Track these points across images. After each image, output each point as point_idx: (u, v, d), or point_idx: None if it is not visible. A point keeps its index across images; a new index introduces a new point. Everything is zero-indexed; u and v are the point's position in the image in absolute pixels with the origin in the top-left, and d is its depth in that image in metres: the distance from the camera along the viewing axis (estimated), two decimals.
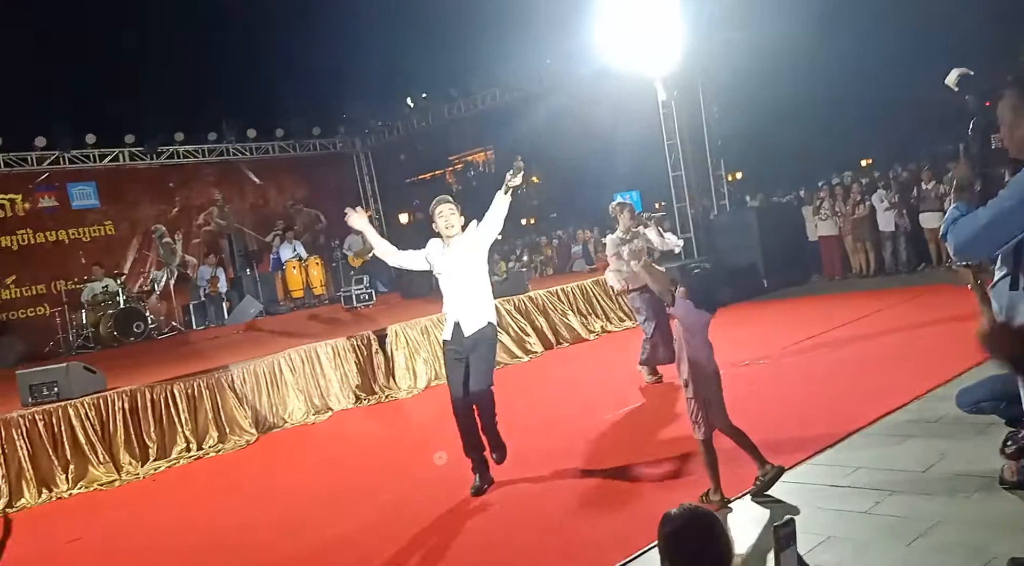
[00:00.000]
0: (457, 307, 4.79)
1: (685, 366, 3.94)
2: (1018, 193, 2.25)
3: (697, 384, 3.91)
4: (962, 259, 2.45)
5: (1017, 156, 2.40)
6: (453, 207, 4.84)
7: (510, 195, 4.75)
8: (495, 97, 15.13)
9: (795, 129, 21.98)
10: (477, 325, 4.75)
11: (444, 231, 4.81)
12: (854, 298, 10.31)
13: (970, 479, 3.69)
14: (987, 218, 2.28)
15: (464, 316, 4.75)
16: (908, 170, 12.70)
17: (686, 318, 3.95)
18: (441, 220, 4.80)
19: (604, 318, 10.64)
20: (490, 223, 4.81)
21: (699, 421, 3.93)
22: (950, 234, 2.37)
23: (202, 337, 12.14)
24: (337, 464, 6.27)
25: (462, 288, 4.79)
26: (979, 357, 5.43)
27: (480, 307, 4.80)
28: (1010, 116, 2.39)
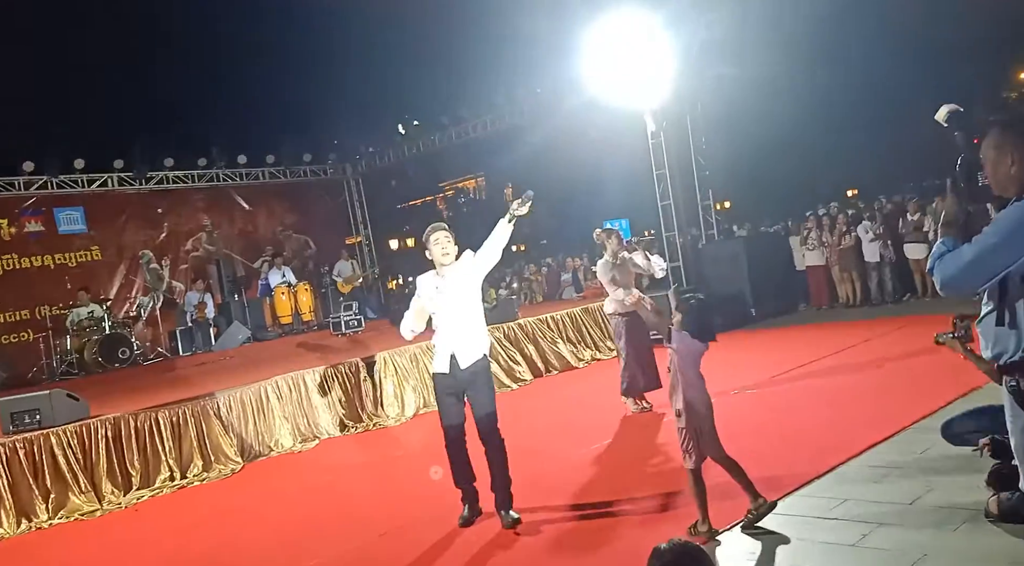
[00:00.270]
0: (453, 338, 4.65)
1: (679, 396, 3.93)
2: (1003, 230, 2.29)
3: (690, 414, 3.90)
4: (947, 293, 2.48)
5: (1001, 193, 2.45)
6: (448, 235, 4.71)
7: (513, 224, 4.63)
8: (486, 125, 15.27)
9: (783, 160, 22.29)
10: (474, 357, 4.63)
11: (439, 259, 4.69)
12: (841, 328, 10.38)
13: (956, 512, 3.70)
14: (972, 254, 2.31)
15: (460, 348, 4.62)
16: (893, 201, 12.86)
17: (682, 349, 3.94)
18: (437, 248, 4.68)
19: (594, 347, 10.65)
20: (489, 251, 4.69)
21: (690, 451, 3.92)
22: (936, 268, 2.40)
23: (188, 363, 12.03)
24: (324, 493, 6.20)
25: (458, 319, 4.67)
26: (964, 388, 5.52)
27: (476, 338, 4.70)
28: (993, 154, 2.43)
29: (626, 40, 11.20)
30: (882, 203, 13.02)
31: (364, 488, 6.15)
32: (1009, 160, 2.37)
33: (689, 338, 3.93)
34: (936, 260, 2.40)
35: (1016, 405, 2.38)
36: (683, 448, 3.95)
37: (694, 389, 3.93)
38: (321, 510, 5.69)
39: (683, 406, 3.91)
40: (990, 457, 3.92)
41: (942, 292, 2.44)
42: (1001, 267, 2.28)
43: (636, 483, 5.06)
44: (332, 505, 5.78)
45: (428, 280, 4.78)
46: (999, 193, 2.45)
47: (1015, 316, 2.32)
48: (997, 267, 2.28)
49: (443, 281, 4.70)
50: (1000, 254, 2.27)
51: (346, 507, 5.66)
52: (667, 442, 5.99)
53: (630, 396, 7.00)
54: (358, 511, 5.49)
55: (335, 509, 5.65)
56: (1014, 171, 2.37)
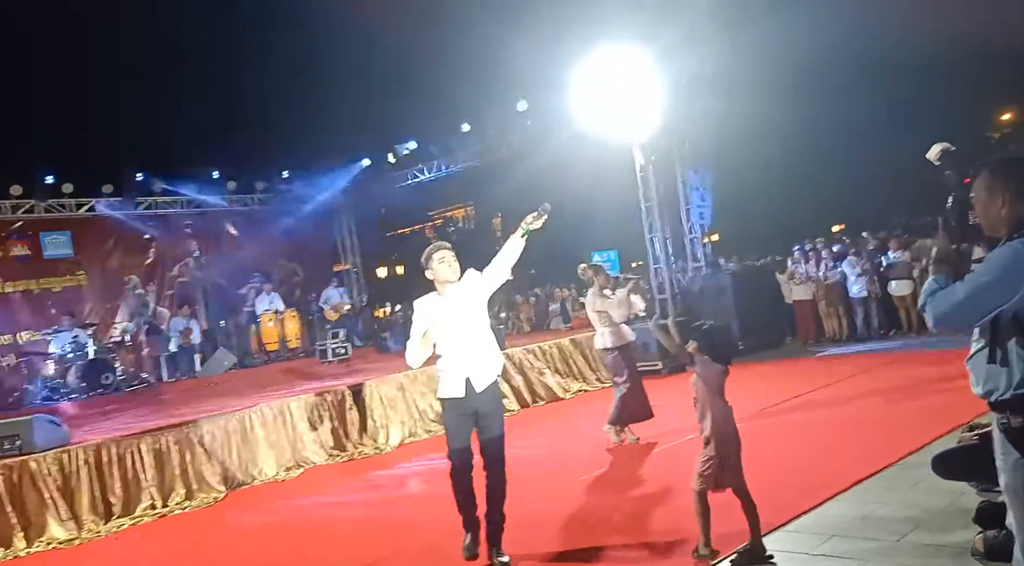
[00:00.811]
0: (466, 361, 4.37)
1: (708, 423, 3.93)
2: (995, 269, 2.33)
3: (719, 442, 3.90)
4: (940, 330, 2.50)
5: (991, 234, 2.49)
6: (453, 253, 4.48)
7: (526, 239, 4.41)
8: (476, 156, 15.38)
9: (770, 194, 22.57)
10: (489, 379, 4.40)
11: (447, 276, 4.40)
12: (827, 362, 10.44)
13: (942, 549, 3.70)
14: (964, 292, 2.34)
15: (475, 370, 4.35)
16: (877, 238, 13.02)
17: (706, 374, 3.98)
18: (443, 266, 4.40)
19: (581, 378, 10.63)
20: (498, 268, 4.44)
21: (707, 475, 3.90)
22: (928, 305, 2.43)
23: (173, 389, 11.92)
24: (308, 522, 6.11)
25: (470, 340, 4.39)
26: (950, 425, 5.54)
27: (491, 359, 4.46)
28: (984, 195, 2.47)
29: (616, 74, 11.39)
30: (867, 239, 13.18)
31: (349, 518, 6.07)
32: (1000, 201, 2.42)
33: (710, 362, 3.97)
34: (928, 297, 2.43)
35: (1007, 442, 2.40)
36: (700, 472, 3.92)
37: (722, 416, 3.95)
38: (305, 540, 5.61)
39: (712, 433, 3.92)
40: (976, 494, 3.93)
41: (934, 329, 2.46)
42: (993, 306, 2.31)
43: (624, 516, 5.04)
44: (316, 535, 5.70)
45: (430, 303, 4.50)
46: (989, 233, 2.50)
47: (1007, 354, 2.35)
48: (989, 306, 2.31)
49: (446, 302, 4.44)
50: (992, 293, 2.30)
51: (330, 537, 5.58)
52: (653, 473, 5.98)
53: (618, 425, 7.01)
54: (343, 541, 5.42)
55: (319, 539, 5.57)
56: (1004, 212, 2.41)
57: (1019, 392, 2.33)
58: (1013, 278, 2.29)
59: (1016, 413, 2.34)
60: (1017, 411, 2.33)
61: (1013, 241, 2.36)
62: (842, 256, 12.48)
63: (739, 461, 3.94)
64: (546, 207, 4.35)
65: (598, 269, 7.28)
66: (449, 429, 4.48)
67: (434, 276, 4.48)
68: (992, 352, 2.38)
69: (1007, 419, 2.37)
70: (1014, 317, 2.32)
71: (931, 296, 2.42)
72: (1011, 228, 2.41)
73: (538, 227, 4.37)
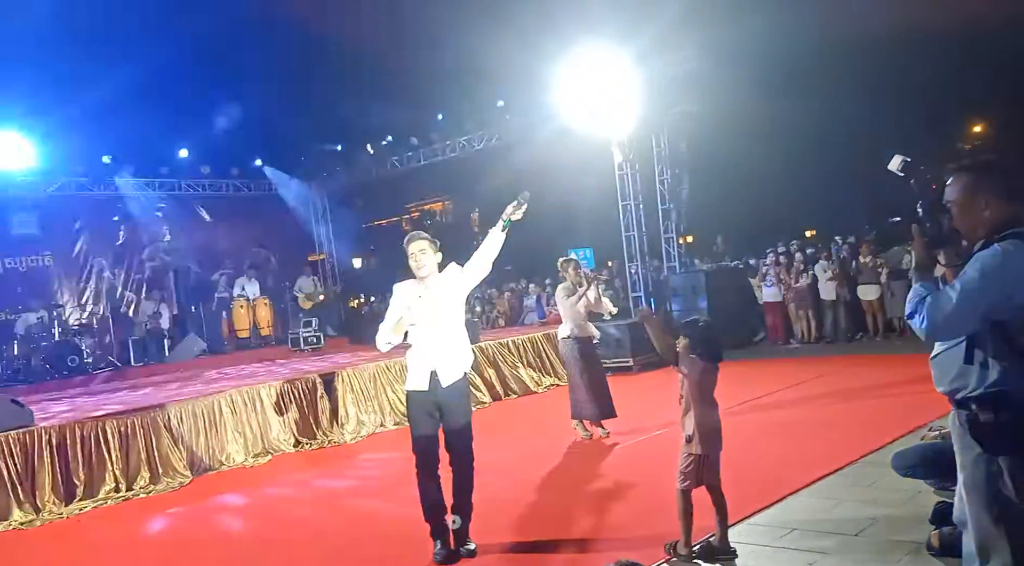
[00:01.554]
0: (434, 354, 4.33)
1: (691, 422, 3.87)
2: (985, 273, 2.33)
3: (703, 440, 3.84)
4: (935, 337, 2.46)
5: (968, 238, 2.52)
6: (429, 246, 4.39)
7: (507, 232, 4.33)
8: (455, 148, 15.37)
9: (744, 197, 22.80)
10: (456, 375, 4.35)
11: (416, 273, 4.39)
12: (795, 363, 10.60)
13: (899, 545, 3.79)
14: (956, 299, 2.33)
15: (443, 365, 4.32)
16: (848, 243, 13.23)
17: (693, 373, 3.89)
18: (413, 262, 4.37)
19: (554, 373, 10.68)
20: (479, 262, 4.38)
21: (689, 474, 3.87)
22: (920, 313, 2.40)
23: (140, 374, 11.77)
24: (272, 509, 6.10)
25: (441, 334, 4.35)
26: (911, 425, 5.68)
27: (460, 355, 4.41)
28: (963, 198, 2.48)
29: (594, 72, 11.45)
30: (839, 244, 13.39)
31: (316, 505, 6.05)
32: (982, 203, 2.43)
33: (699, 361, 3.87)
34: (918, 304, 2.41)
35: (969, 437, 2.44)
36: (682, 470, 3.88)
37: (708, 415, 3.87)
38: (270, 526, 5.59)
39: (695, 431, 3.85)
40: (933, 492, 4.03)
41: (928, 336, 2.43)
42: (986, 310, 2.32)
43: (589, 508, 5.09)
44: (282, 522, 5.68)
45: (408, 288, 4.45)
46: (967, 237, 2.51)
47: (985, 353, 2.38)
48: (982, 311, 2.33)
49: (426, 290, 4.38)
50: (984, 297, 2.32)
51: (297, 524, 5.56)
52: (619, 468, 6.05)
53: (579, 419, 7.07)
54: (309, 529, 5.41)
55: (285, 526, 5.55)
56: (987, 215, 2.43)
57: (991, 390, 2.38)
58: (1003, 280, 2.31)
59: (986, 409, 2.39)
60: (987, 407, 2.38)
61: (1001, 243, 2.37)
62: (814, 260, 12.67)
63: (718, 459, 3.93)
64: (525, 196, 4.29)
65: (569, 262, 7.35)
66: (412, 423, 4.40)
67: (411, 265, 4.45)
68: (969, 351, 2.40)
69: (975, 415, 2.41)
70: (994, 318, 2.35)
71: (920, 304, 2.40)
72: (991, 230, 2.43)
73: (519, 218, 4.32)
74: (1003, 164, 2.56)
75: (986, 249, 2.39)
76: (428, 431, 4.34)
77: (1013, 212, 2.45)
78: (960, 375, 2.44)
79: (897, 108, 20.95)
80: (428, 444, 4.33)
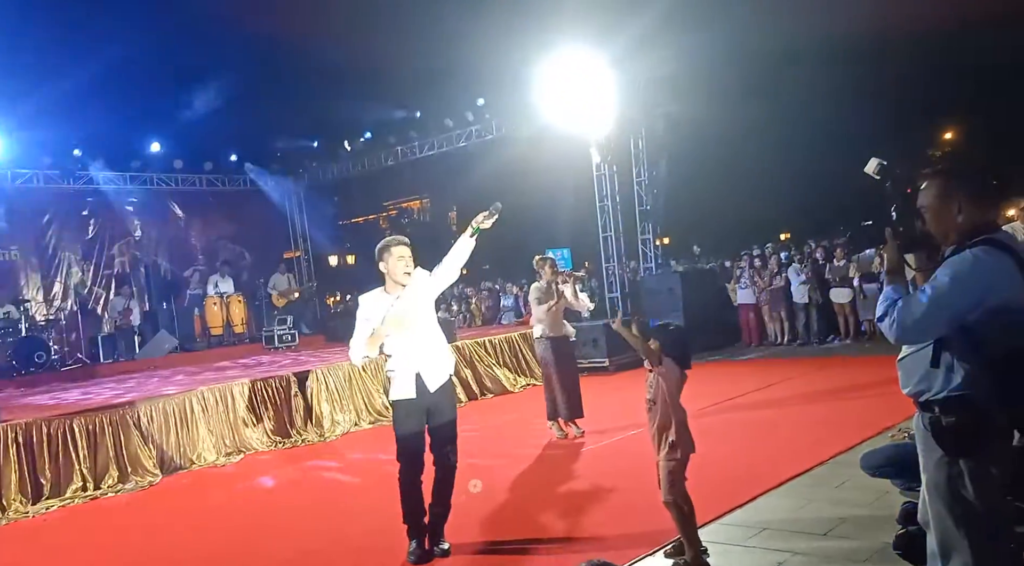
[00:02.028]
0: (418, 359, 4.29)
1: (672, 428, 3.76)
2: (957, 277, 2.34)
3: (683, 446, 3.75)
4: (905, 341, 2.45)
5: (942, 243, 2.53)
6: (410, 252, 4.34)
7: (476, 239, 4.31)
8: (433, 147, 15.33)
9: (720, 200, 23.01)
10: (442, 378, 4.33)
11: (399, 278, 4.30)
12: (768, 365, 10.72)
13: (866, 543, 3.85)
14: (927, 304, 2.34)
15: (427, 368, 4.29)
16: (822, 246, 13.41)
17: (670, 377, 3.79)
18: (400, 265, 4.28)
19: (530, 372, 10.70)
20: (447, 267, 4.35)
21: (676, 482, 3.75)
22: (890, 317, 2.40)
23: (110, 371, 11.60)
24: (243, 509, 6.03)
25: (420, 339, 4.32)
26: (879, 427, 5.76)
27: (443, 357, 4.41)
28: (937, 203, 2.50)
29: (573, 74, 11.49)
30: (812, 247, 13.56)
31: (288, 505, 6.00)
32: (956, 208, 2.45)
33: (672, 364, 3.80)
34: (889, 307, 2.41)
35: (932, 439, 2.46)
36: (671, 482, 3.74)
37: (683, 418, 3.81)
38: (241, 526, 5.53)
39: (677, 438, 3.75)
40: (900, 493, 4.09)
41: (897, 340, 2.44)
42: (957, 315, 2.34)
43: (562, 508, 5.10)
44: (252, 521, 5.63)
45: (377, 300, 4.37)
46: (940, 241, 2.53)
47: (951, 357, 2.40)
48: (954, 315, 2.34)
49: (393, 300, 4.33)
50: (956, 302, 2.33)
51: (268, 524, 5.51)
52: (594, 468, 6.07)
53: (554, 420, 7.08)
54: (280, 529, 5.36)
55: (255, 525, 5.50)
56: (961, 219, 2.45)
57: (954, 394, 2.40)
58: (974, 286, 2.33)
59: (948, 413, 2.41)
60: (950, 411, 2.41)
61: (972, 248, 2.38)
62: (789, 262, 12.82)
63: None
64: (497, 206, 4.26)
65: (545, 260, 7.36)
66: (400, 431, 4.31)
67: (387, 270, 4.34)
68: (936, 355, 2.42)
69: (938, 417, 2.44)
70: (962, 323, 2.36)
71: (891, 307, 2.41)
72: (963, 235, 2.45)
73: (488, 227, 4.29)
74: (975, 169, 2.59)
75: (957, 254, 2.41)
76: (416, 439, 4.30)
77: (985, 217, 2.48)
78: (925, 378, 2.47)
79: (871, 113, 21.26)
80: (416, 452, 4.29)
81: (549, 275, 7.21)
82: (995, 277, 2.35)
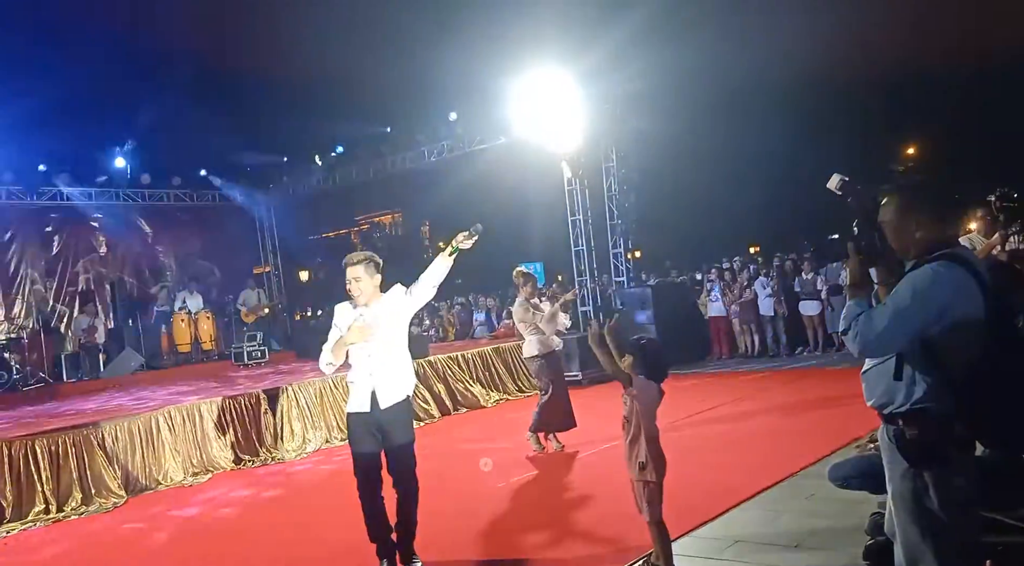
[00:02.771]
0: (374, 376, 4.27)
1: (643, 448, 3.66)
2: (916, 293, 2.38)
3: (656, 466, 3.67)
4: (868, 354, 2.49)
5: (903, 257, 2.58)
6: (364, 269, 4.27)
7: (454, 258, 4.33)
8: (405, 161, 15.31)
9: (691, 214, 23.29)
10: (396, 397, 4.29)
11: (354, 299, 4.32)
12: (738, 377, 10.81)
13: (837, 555, 3.89)
14: (888, 319, 2.37)
15: (382, 386, 4.25)
16: (790, 259, 13.60)
17: (644, 395, 3.71)
18: (349, 287, 4.30)
19: (503, 387, 10.67)
20: (424, 286, 4.35)
21: (654, 501, 3.68)
22: (854, 330, 2.42)
23: (74, 390, 11.34)
24: (211, 529, 5.91)
25: (381, 356, 4.28)
26: (847, 438, 5.83)
27: (401, 377, 4.36)
28: (897, 219, 2.54)
29: (544, 90, 11.57)
30: (781, 259, 13.75)
31: (255, 524, 5.90)
32: (914, 225, 2.50)
33: (644, 381, 3.72)
34: (852, 322, 2.44)
35: (896, 451, 2.50)
36: (645, 500, 3.67)
37: (655, 439, 3.73)
38: (208, 547, 5.42)
39: (648, 457, 3.66)
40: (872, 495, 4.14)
41: (860, 353, 2.47)
42: (917, 329, 2.37)
43: (542, 523, 5.07)
44: (220, 542, 5.52)
45: (347, 310, 4.38)
46: (901, 256, 2.57)
47: (913, 370, 2.44)
48: (914, 330, 2.38)
49: (367, 310, 4.31)
50: (915, 317, 2.37)
51: (235, 544, 5.41)
52: (572, 481, 6.06)
53: (539, 432, 7.07)
54: (248, 548, 5.26)
55: (223, 546, 5.39)
56: (919, 235, 2.50)
57: (916, 406, 2.44)
58: (933, 300, 2.37)
59: (911, 425, 2.45)
60: (912, 423, 2.45)
61: (931, 264, 2.43)
62: (757, 275, 12.98)
63: None
64: (478, 228, 4.29)
65: (528, 277, 7.35)
66: (353, 444, 4.29)
67: None
68: (899, 368, 2.45)
69: (902, 430, 2.48)
70: (923, 337, 2.40)
71: (854, 321, 2.43)
72: (922, 250, 2.49)
73: (468, 247, 4.31)
74: (934, 186, 2.65)
75: (917, 269, 2.45)
76: (369, 453, 4.25)
77: (944, 233, 2.54)
78: (887, 391, 2.51)
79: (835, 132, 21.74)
80: (369, 466, 4.26)
81: (529, 292, 7.22)
82: (954, 292, 2.39)
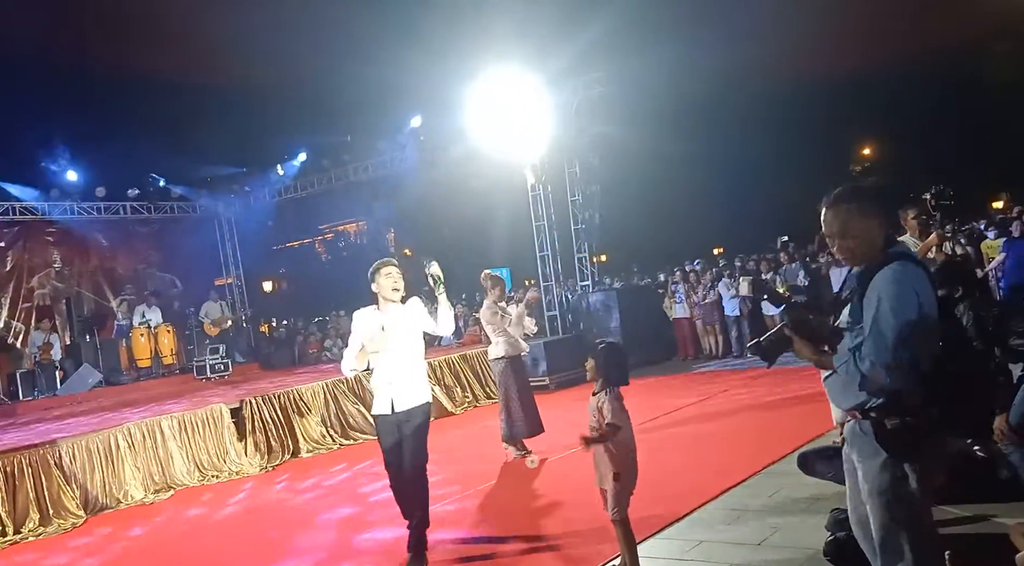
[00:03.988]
0: (393, 382, 4.55)
1: (613, 456, 3.66)
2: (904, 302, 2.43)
3: (626, 474, 3.68)
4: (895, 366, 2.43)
5: (851, 263, 2.64)
6: (400, 270, 4.62)
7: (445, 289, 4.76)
8: (367, 169, 15.22)
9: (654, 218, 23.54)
10: (413, 402, 4.55)
11: (388, 295, 4.57)
12: (704, 378, 10.93)
13: (799, 551, 3.95)
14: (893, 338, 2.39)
15: (400, 392, 4.53)
16: (752, 260, 13.81)
17: (614, 401, 3.70)
18: (388, 281, 4.56)
19: (471, 394, 10.64)
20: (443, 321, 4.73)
21: (621, 502, 3.69)
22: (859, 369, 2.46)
23: (30, 408, 11.05)
24: (173, 547, 5.79)
25: (400, 362, 4.57)
26: (809, 436, 5.94)
27: (418, 384, 4.64)
28: (838, 227, 2.58)
29: (508, 96, 11.60)
30: (744, 259, 13.95)
31: (219, 541, 5.80)
32: (876, 225, 2.56)
33: (606, 384, 3.72)
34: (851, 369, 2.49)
35: (874, 444, 2.53)
36: (614, 504, 3.67)
37: (629, 443, 3.72)
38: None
39: (619, 466, 3.66)
40: None
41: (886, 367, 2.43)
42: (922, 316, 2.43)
43: (515, 526, 5.07)
44: (179, 561, 5.41)
45: (370, 317, 4.64)
46: (854, 263, 2.63)
47: None
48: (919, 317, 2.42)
49: (389, 319, 4.58)
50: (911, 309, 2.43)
51: (196, 562, 5.31)
52: (542, 486, 6.06)
53: (512, 443, 6.99)
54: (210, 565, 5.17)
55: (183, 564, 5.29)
56: (879, 239, 2.56)
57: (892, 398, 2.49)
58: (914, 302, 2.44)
59: (890, 416, 2.50)
60: (891, 414, 2.50)
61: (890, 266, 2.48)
62: (720, 277, 13.14)
63: None
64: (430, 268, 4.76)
65: (496, 280, 7.32)
66: (381, 443, 4.63)
67: (378, 290, 4.61)
68: None
69: (881, 421, 2.52)
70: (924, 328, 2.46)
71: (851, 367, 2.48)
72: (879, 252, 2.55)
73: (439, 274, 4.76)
74: (878, 188, 2.75)
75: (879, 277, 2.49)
76: (395, 449, 4.56)
77: (889, 233, 2.63)
78: (857, 393, 2.54)
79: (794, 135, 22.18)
80: (395, 458, 4.57)
81: (497, 296, 7.19)
82: (921, 289, 2.48)
